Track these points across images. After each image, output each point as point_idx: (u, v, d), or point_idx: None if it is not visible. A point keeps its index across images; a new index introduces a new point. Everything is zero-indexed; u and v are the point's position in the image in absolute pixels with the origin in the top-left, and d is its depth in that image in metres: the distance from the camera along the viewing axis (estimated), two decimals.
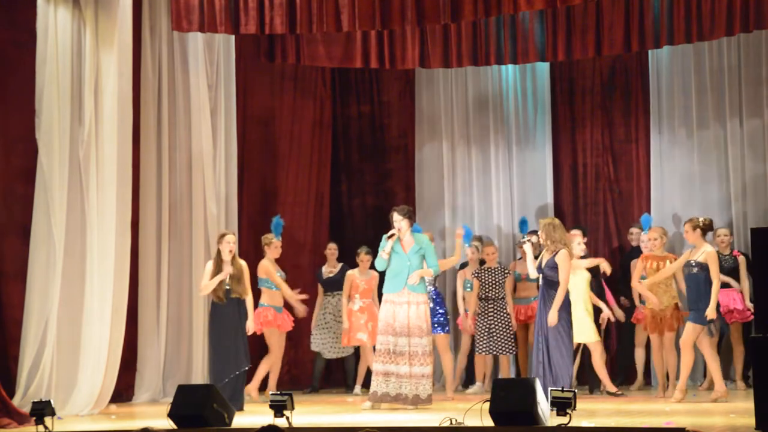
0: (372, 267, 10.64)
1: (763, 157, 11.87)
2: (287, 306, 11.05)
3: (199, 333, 11.00)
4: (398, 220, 9.77)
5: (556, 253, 9.46)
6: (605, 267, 10.86)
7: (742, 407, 8.81)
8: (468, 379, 12.01)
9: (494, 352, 11.23)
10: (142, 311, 10.87)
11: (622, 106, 12.69)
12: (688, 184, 12.21)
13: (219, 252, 9.97)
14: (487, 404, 7.43)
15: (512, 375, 11.61)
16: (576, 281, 10.18)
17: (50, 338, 9.66)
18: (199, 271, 10.87)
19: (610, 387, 10.58)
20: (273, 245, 10.91)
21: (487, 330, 11.21)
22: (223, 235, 10.07)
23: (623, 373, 11.84)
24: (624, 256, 12.05)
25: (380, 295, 10.16)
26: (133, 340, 10.70)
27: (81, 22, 9.98)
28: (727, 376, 11.44)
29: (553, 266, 9.46)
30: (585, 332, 10.37)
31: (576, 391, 7.55)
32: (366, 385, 11.04)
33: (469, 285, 11.58)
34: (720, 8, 10.62)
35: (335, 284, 11.75)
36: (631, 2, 11.19)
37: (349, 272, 11.36)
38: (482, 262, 11.62)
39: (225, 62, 11.57)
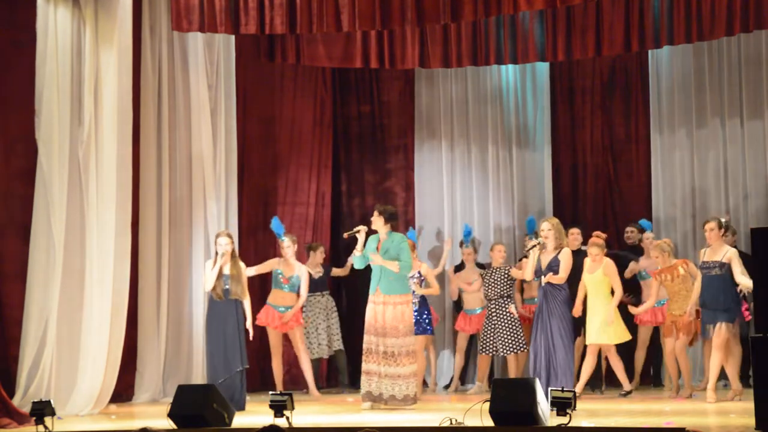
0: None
1: (762, 156, 11.88)
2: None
3: (199, 333, 11.00)
4: (375, 216, 9.79)
5: (559, 251, 9.50)
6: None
7: (742, 407, 8.81)
8: (464, 379, 12.05)
9: (500, 353, 11.19)
10: (142, 311, 10.86)
11: (622, 106, 12.70)
12: (689, 184, 12.21)
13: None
14: (487, 404, 7.44)
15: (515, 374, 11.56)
16: (595, 282, 10.18)
17: (50, 338, 9.66)
18: (199, 271, 10.90)
19: (626, 385, 10.57)
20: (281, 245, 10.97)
21: (491, 330, 11.19)
22: (217, 236, 10.13)
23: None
24: (617, 255, 12.01)
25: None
26: (133, 340, 10.70)
27: (81, 21, 9.98)
28: (722, 376, 11.43)
29: (557, 265, 9.48)
30: (595, 334, 10.29)
31: (576, 391, 7.55)
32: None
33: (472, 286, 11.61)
34: (720, 8, 10.62)
35: (322, 284, 11.78)
36: (631, 2, 11.19)
37: None
38: (480, 265, 11.66)
39: (225, 62, 11.56)
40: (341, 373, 12.06)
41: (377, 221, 9.77)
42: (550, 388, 7.69)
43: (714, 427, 7.70)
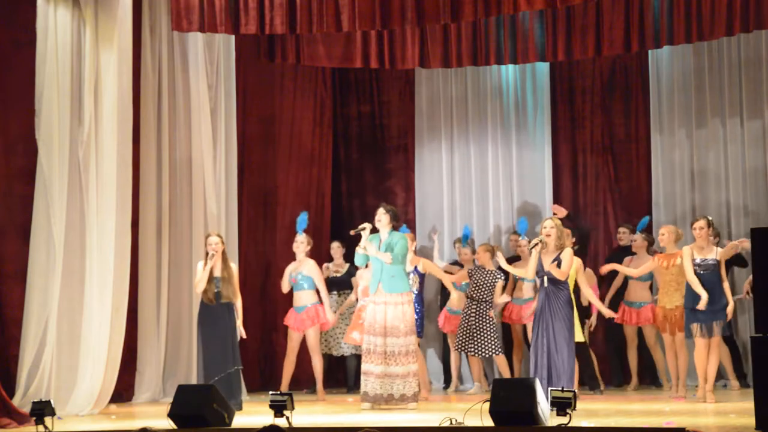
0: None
1: (762, 156, 11.88)
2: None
3: None
4: (380, 213, 9.76)
5: (561, 251, 9.51)
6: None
7: (742, 407, 8.81)
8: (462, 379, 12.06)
9: (476, 354, 11.17)
10: (142, 311, 10.86)
11: (622, 106, 12.69)
12: (688, 183, 12.21)
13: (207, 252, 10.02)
14: (487, 404, 7.43)
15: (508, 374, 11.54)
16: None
17: (50, 338, 9.66)
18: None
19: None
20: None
21: (467, 330, 11.17)
22: (207, 236, 10.12)
23: (617, 374, 11.86)
24: (610, 255, 12.04)
25: None
26: (133, 340, 10.70)
27: (81, 22, 9.98)
28: (720, 376, 11.44)
29: (559, 264, 9.49)
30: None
31: (576, 391, 7.55)
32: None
33: (464, 285, 11.57)
34: (720, 8, 10.62)
35: (342, 284, 11.78)
36: (631, 2, 11.19)
37: (360, 271, 11.28)
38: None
39: (225, 62, 11.57)
40: (349, 375, 12.05)
41: (383, 219, 9.76)
42: (550, 388, 7.68)
43: (714, 427, 7.69)
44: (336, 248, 11.99)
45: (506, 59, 11.74)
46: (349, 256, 11.94)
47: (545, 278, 9.45)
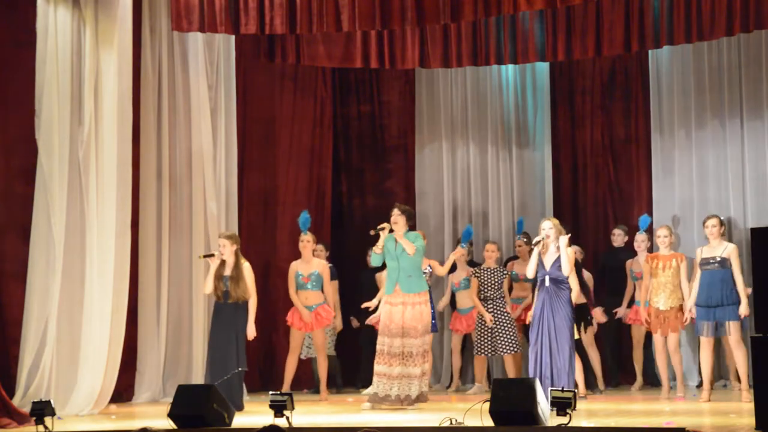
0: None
1: (763, 157, 11.87)
2: None
3: (199, 333, 11.01)
4: (395, 214, 9.73)
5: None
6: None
7: (742, 407, 8.81)
8: (464, 379, 12.04)
9: (498, 352, 11.17)
10: (142, 311, 10.87)
11: (622, 106, 12.70)
12: (688, 184, 12.21)
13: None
14: (487, 404, 7.44)
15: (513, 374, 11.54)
16: None
17: (50, 338, 9.66)
18: (199, 271, 10.91)
19: (581, 389, 10.50)
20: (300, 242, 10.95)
21: (488, 331, 11.17)
22: (219, 236, 10.14)
23: (617, 373, 11.87)
24: (604, 256, 12.05)
25: None
26: (133, 340, 10.70)
27: (81, 22, 9.98)
28: (721, 376, 11.44)
29: (559, 264, 9.51)
30: None
31: (576, 391, 7.55)
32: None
33: (464, 284, 11.55)
34: (720, 8, 10.62)
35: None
36: (631, 2, 11.19)
37: (378, 274, 11.24)
38: (471, 263, 11.59)
39: (225, 62, 11.57)
40: (332, 375, 12.04)
41: (399, 220, 9.73)
42: (550, 389, 7.68)
43: (714, 427, 7.70)
44: (320, 251, 11.95)
45: (506, 59, 11.74)
46: (330, 258, 11.93)
47: (546, 278, 9.46)
